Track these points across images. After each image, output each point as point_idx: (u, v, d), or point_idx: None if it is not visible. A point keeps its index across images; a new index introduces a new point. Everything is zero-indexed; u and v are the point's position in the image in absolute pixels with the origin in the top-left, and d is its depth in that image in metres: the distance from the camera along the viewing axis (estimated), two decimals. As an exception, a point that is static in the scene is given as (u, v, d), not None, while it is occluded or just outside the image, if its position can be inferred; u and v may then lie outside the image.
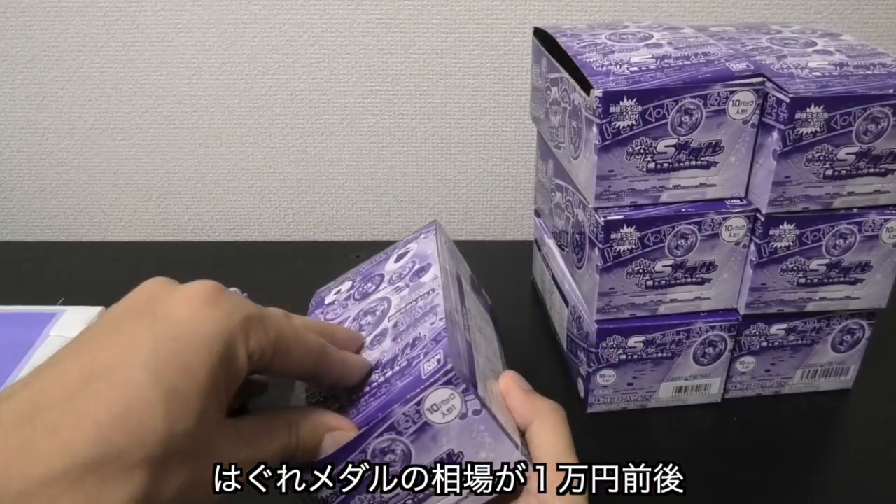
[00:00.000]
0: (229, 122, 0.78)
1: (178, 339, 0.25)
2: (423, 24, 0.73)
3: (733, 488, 0.47)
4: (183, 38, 0.74)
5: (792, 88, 0.42)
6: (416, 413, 0.29)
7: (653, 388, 0.53)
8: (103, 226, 0.84)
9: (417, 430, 0.29)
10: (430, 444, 0.29)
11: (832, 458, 0.50)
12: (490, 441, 0.30)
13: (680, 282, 0.48)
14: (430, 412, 0.29)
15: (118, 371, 0.23)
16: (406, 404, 0.29)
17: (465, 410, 0.29)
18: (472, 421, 0.29)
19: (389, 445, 0.29)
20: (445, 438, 0.30)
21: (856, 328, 0.52)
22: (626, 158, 0.44)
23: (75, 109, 0.77)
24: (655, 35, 0.49)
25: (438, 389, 0.29)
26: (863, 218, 0.46)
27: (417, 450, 0.29)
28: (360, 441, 0.29)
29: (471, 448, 0.30)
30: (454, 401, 0.29)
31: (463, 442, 0.30)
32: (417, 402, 0.29)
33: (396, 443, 0.29)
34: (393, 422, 0.29)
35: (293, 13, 0.73)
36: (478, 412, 0.29)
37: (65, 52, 0.75)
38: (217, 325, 0.26)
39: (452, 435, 0.30)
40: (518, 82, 0.76)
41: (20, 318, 0.62)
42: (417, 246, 0.42)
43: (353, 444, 0.29)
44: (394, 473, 0.30)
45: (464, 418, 0.29)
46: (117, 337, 0.25)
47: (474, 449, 0.30)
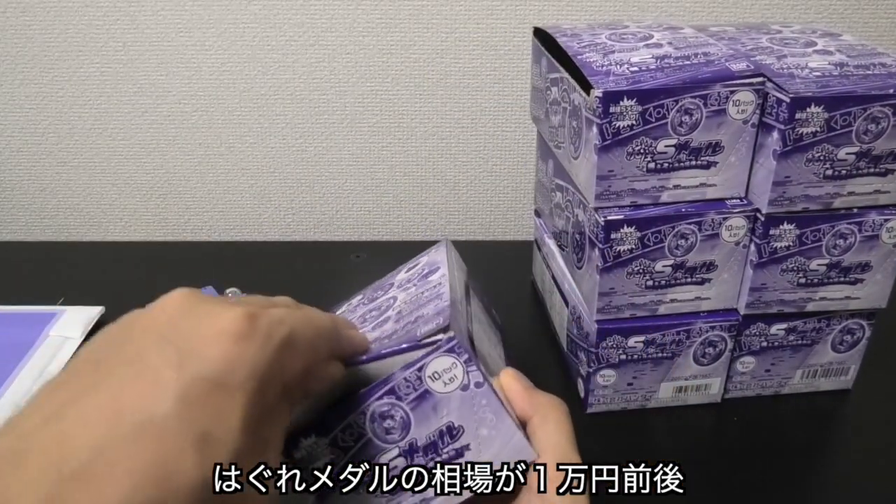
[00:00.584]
0: (229, 122, 0.78)
1: (207, 381, 0.23)
2: (423, 24, 0.73)
3: (733, 488, 0.47)
4: (183, 38, 0.74)
5: (792, 88, 0.42)
6: (417, 379, 0.29)
7: (653, 388, 0.53)
8: (103, 226, 0.84)
9: (418, 397, 0.29)
10: (430, 413, 0.29)
11: (832, 458, 0.50)
12: (491, 417, 0.30)
13: (680, 282, 0.48)
14: (432, 380, 0.29)
15: (147, 416, 0.22)
16: (407, 369, 0.29)
17: (466, 382, 0.29)
18: (474, 394, 0.29)
19: (389, 410, 0.29)
20: (446, 409, 0.29)
21: (856, 328, 0.52)
22: (626, 158, 0.44)
23: (75, 109, 0.77)
24: (655, 35, 0.49)
25: (441, 357, 0.29)
26: (863, 218, 0.46)
27: (417, 418, 0.29)
28: (361, 401, 0.29)
29: (472, 423, 0.30)
30: (456, 370, 0.29)
31: (464, 415, 0.30)
32: (419, 368, 0.29)
33: (396, 408, 0.29)
34: (394, 385, 0.29)
35: (293, 13, 0.73)
36: (480, 384, 0.29)
37: (65, 52, 0.75)
38: (250, 366, 0.24)
39: (453, 406, 0.29)
40: (518, 82, 0.76)
41: (20, 318, 0.62)
42: (428, 258, 0.42)
43: (354, 403, 0.29)
44: (393, 441, 0.30)
45: (465, 390, 0.29)
46: (140, 372, 0.23)
47: (475, 424, 0.30)
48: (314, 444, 0.29)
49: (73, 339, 0.60)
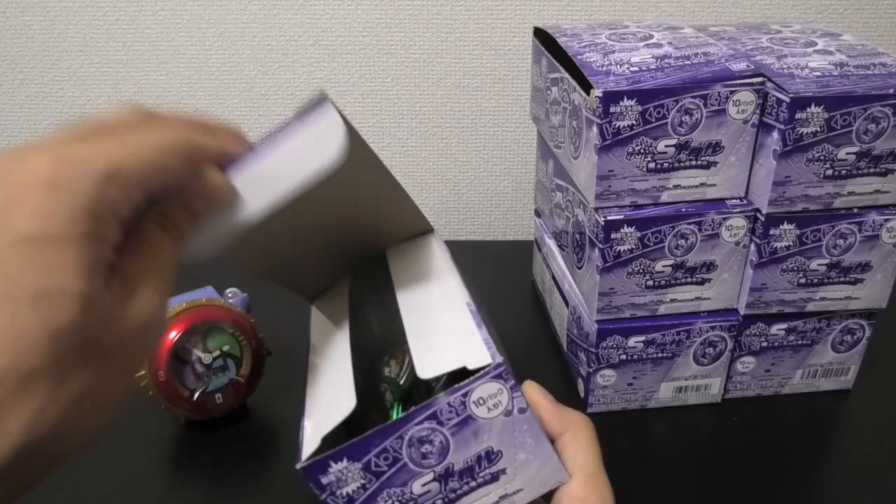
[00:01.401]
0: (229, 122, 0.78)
1: (27, 239, 0.22)
2: (423, 24, 0.73)
3: (733, 488, 0.47)
4: (183, 38, 0.74)
5: (792, 88, 0.42)
6: (461, 405, 0.28)
7: (653, 388, 0.53)
8: (103, 226, 0.84)
9: (460, 422, 0.28)
10: (470, 438, 0.29)
11: (832, 458, 0.50)
12: (531, 442, 0.29)
13: (680, 282, 0.48)
14: (476, 405, 0.28)
15: None
16: (452, 394, 0.28)
17: (510, 407, 0.28)
18: (517, 419, 0.29)
19: (428, 435, 0.28)
20: (487, 435, 0.29)
21: (856, 328, 0.52)
22: (627, 158, 0.44)
23: (75, 109, 0.77)
24: (655, 35, 0.49)
25: (487, 383, 0.28)
26: (863, 218, 0.46)
27: (457, 443, 0.29)
28: (400, 425, 0.28)
29: (511, 448, 0.29)
30: (501, 396, 0.28)
31: (504, 440, 0.29)
32: (464, 394, 0.28)
33: (436, 433, 0.28)
34: (436, 410, 0.28)
35: (293, 13, 0.73)
36: (523, 410, 0.29)
37: (65, 52, 0.75)
38: (68, 212, 0.22)
39: (494, 431, 0.29)
40: (518, 82, 0.76)
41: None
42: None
43: (392, 428, 0.28)
44: (429, 466, 0.29)
45: (508, 415, 0.29)
46: None
47: (514, 449, 0.29)
48: (345, 468, 0.28)
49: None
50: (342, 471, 0.28)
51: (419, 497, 0.29)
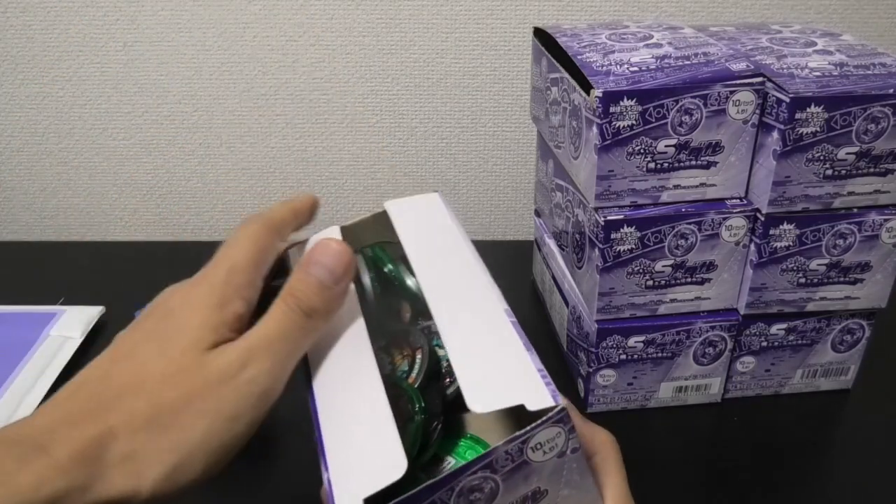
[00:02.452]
0: (229, 122, 0.78)
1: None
2: (423, 24, 0.73)
3: (733, 488, 0.47)
4: (183, 38, 0.74)
5: (792, 88, 0.42)
6: (519, 452, 0.26)
7: (653, 388, 0.53)
8: (103, 226, 0.84)
9: (514, 468, 0.27)
10: (520, 482, 0.27)
11: (832, 458, 0.50)
12: (577, 479, 0.28)
13: (680, 282, 0.48)
14: (533, 451, 0.27)
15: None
16: (511, 442, 0.26)
17: (565, 449, 0.27)
18: (568, 459, 0.28)
19: (480, 483, 0.26)
20: (537, 477, 0.27)
21: (856, 328, 0.52)
22: (626, 158, 0.44)
23: (75, 109, 0.77)
24: (655, 35, 0.49)
25: (549, 428, 0.26)
26: (863, 218, 0.46)
27: (507, 488, 0.27)
28: (452, 478, 0.26)
29: (556, 485, 0.28)
30: (559, 439, 0.27)
31: (552, 480, 0.28)
32: (523, 441, 0.26)
33: (488, 481, 0.27)
34: (492, 459, 0.26)
35: (293, 13, 0.73)
36: (576, 450, 0.27)
37: (65, 52, 0.75)
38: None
39: (546, 473, 0.27)
40: (518, 82, 0.76)
41: (20, 318, 0.62)
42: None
43: (444, 481, 0.26)
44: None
45: (562, 456, 0.27)
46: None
47: (558, 487, 0.28)
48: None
49: (74, 339, 0.60)
50: None
51: None
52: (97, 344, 0.61)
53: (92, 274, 0.72)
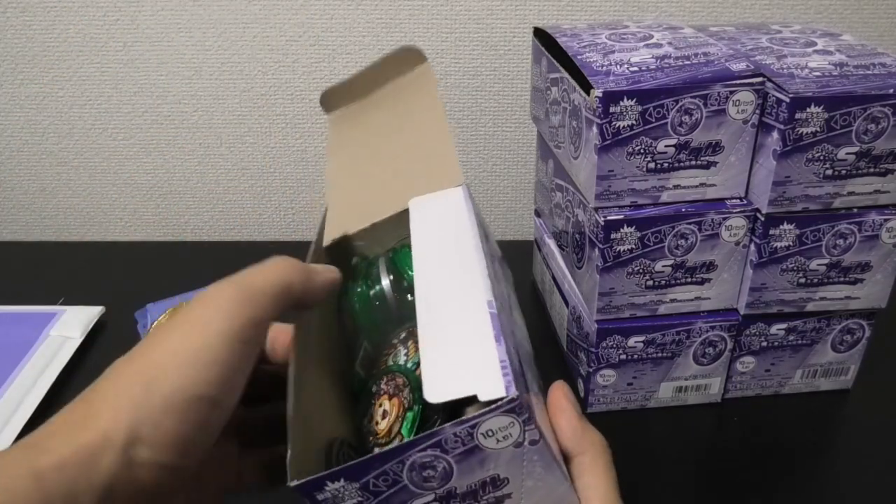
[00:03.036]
0: (229, 122, 0.78)
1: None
2: (423, 24, 0.73)
3: (733, 488, 0.47)
4: (183, 38, 0.74)
5: (792, 88, 0.42)
6: (468, 435, 0.26)
7: (653, 388, 0.53)
8: (103, 226, 0.84)
9: (466, 451, 0.27)
10: (475, 466, 0.27)
11: (832, 458, 0.50)
12: (540, 471, 0.28)
13: (680, 282, 0.48)
14: (484, 437, 0.27)
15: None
16: (458, 425, 0.26)
17: (521, 440, 0.27)
18: (527, 450, 0.27)
19: (431, 462, 0.27)
20: (493, 463, 0.27)
21: (856, 328, 0.52)
22: (626, 158, 0.44)
23: (75, 109, 0.77)
24: (655, 35, 0.49)
25: (498, 417, 0.26)
26: (863, 218, 0.46)
27: (461, 470, 0.27)
28: (401, 452, 0.26)
29: (518, 475, 0.28)
30: (512, 429, 0.27)
31: (512, 469, 0.28)
32: (472, 426, 0.26)
33: (439, 460, 0.27)
34: (441, 439, 0.26)
35: (293, 13, 0.73)
36: (535, 442, 0.27)
37: (65, 52, 0.75)
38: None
39: (502, 461, 0.27)
40: (518, 82, 0.76)
41: (20, 318, 0.62)
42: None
43: (393, 453, 0.27)
44: (430, 489, 0.27)
45: (518, 447, 0.27)
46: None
47: (522, 477, 0.28)
48: (342, 487, 0.27)
49: (73, 339, 0.60)
50: (339, 489, 0.27)
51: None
52: (97, 344, 0.61)
53: (92, 274, 0.72)
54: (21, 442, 0.25)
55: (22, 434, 0.50)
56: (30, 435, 0.25)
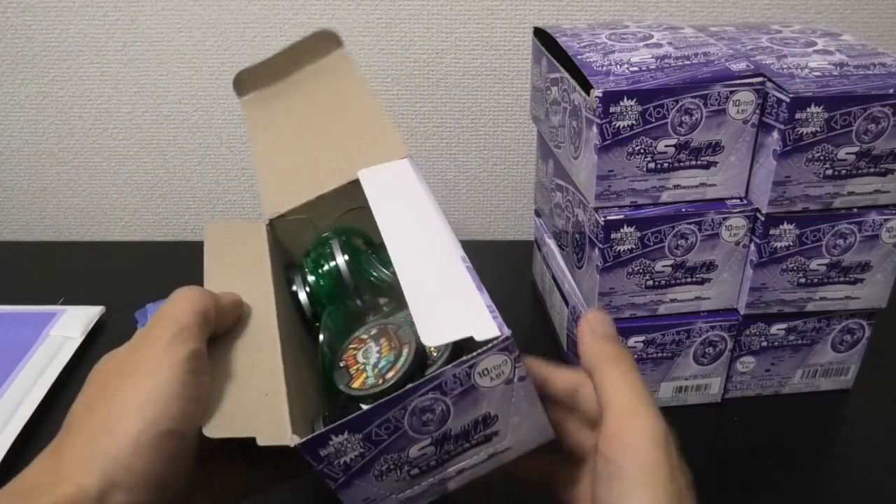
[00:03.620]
0: (229, 122, 0.78)
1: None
2: (423, 24, 0.73)
3: (733, 488, 0.47)
4: (183, 38, 0.74)
5: (792, 88, 0.42)
6: (466, 376, 0.29)
7: (653, 388, 0.53)
8: (103, 226, 0.84)
9: (463, 392, 0.29)
10: (470, 406, 0.29)
11: (832, 458, 0.50)
12: (526, 406, 0.31)
13: (680, 282, 0.48)
14: (480, 376, 0.29)
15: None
16: (458, 367, 0.28)
17: (512, 376, 0.29)
18: (516, 387, 0.30)
19: (431, 405, 0.29)
20: (486, 402, 0.30)
21: (856, 328, 0.52)
22: (626, 158, 0.44)
23: (75, 109, 0.77)
24: (655, 35, 0.49)
25: (494, 355, 0.28)
26: (863, 218, 0.46)
27: (457, 411, 0.29)
28: (405, 397, 0.28)
29: (506, 412, 0.30)
30: (505, 367, 0.29)
31: (502, 406, 0.30)
32: (470, 366, 0.28)
33: (438, 402, 0.29)
34: (441, 382, 0.28)
35: (293, 13, 0.73)
36: (523, 378, 0.30)
37: (65, 52, 0.75)
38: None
39: (494, 399, 0.30)
40: (518, 82, 0.76)
41: (20, 318, 0.62)
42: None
43: (397, 399, 0.28)
44: (428, 433, 0.29)
45: (509, 384, 0.29)
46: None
47: (509, 413, 0.30)
48: (345, 440, 0.29)
49: (73, 339, 0.60)
50: (342, 442, 0.29)
51: (414, 460, 0.30)
52: (97, 344, 0.61)
53: (92, 274, 0.72)
54: (3, 490, 0.26)
55: (22, 434, 0.50)
56: (11, 483, 0.27)
